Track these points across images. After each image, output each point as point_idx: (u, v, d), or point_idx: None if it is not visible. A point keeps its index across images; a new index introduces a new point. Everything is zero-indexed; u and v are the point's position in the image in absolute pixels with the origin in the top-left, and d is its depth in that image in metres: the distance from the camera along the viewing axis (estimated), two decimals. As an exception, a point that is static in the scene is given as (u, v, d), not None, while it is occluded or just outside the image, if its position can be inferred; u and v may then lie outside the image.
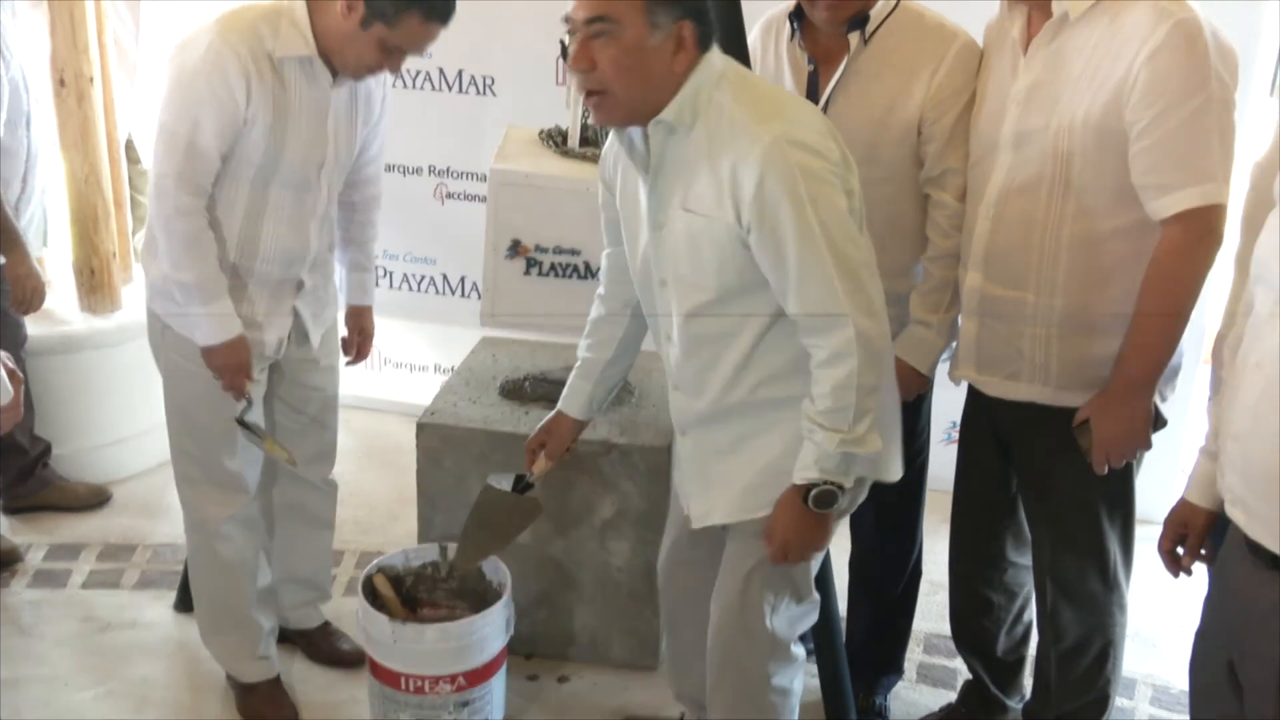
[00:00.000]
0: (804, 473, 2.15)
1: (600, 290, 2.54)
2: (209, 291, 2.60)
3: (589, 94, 2.07)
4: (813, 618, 2.47)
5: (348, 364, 3.12)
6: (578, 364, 2.58)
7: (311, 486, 3.08)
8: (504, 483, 2.66)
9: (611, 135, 2.30)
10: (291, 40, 2.52)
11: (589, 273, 2.85)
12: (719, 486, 2.33)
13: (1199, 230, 2.20)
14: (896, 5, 2.52)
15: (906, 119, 2.50)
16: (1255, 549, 1.85)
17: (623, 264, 2.40)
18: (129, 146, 4.52)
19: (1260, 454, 1.82)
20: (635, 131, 2.15)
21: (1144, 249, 2.26)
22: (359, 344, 3.11)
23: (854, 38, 2.50)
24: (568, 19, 2.05)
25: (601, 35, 2.00)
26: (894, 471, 2.36)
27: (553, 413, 2.62)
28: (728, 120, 2.05)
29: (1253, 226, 2.08)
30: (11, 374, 2.23)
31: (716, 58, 2.11)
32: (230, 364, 2.67)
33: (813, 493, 2.15)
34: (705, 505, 2.37)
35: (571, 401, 2.59)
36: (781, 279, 2.06)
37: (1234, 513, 1.91)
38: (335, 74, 2.59)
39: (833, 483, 2.14)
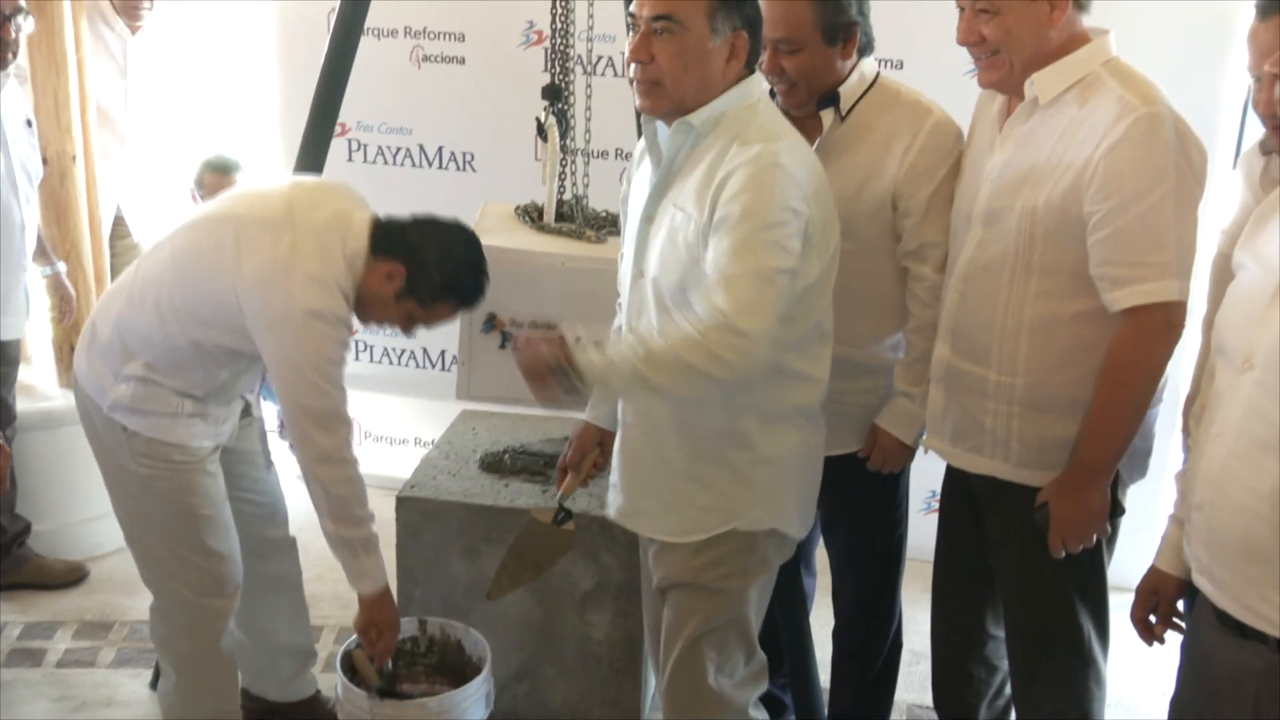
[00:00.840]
0: (611, 349, 2.12)
1: (620, 299, 2.54)
2: (376, 539, 2.64)
3: (641, 83, 2.18)
4: (763, 682, 2.48)
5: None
6: None
7: (276, 552, 3.05)
8: (546, 513, 2.64)
9: (641, 139, 2.40)
10: (349, 291, 2.56)
11: (566, 346, 2.87)
12: (653, 496, 2.36)
13: (1154, 324, 2.20)
14: (874, 83, 2.56)
15: (879, 194, 2.53)
16: (1223, 617, 1.86)
17: None
18: (119, 221, 4.56)
19: (1223, 523, 1.84)
20: (664, 127, 2.25)
21: (1105, 336, 2.26)
22: None
23: (827, 115, 2.54)
24: (632, 14, 2.17)
25: (665, 32, 2.13)
26: (794, 528, 2.39)
27: (580, 424, 2.63)
28: (741, 138, 2.14)
29: (1219, 292, 2.10)
30: None
31: (757, 86, 2.23)
32: (388, 617, 2.69)
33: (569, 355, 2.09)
34: (632, 505, 2.40)
35: (595, 412, 2.59)
36: (714, 251, 2.09)
37: (1200, 581, 1.92)
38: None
39: (579, 365, 2.06)
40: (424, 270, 2.56)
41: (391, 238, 2.58)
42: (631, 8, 2.18)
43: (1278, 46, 2.07)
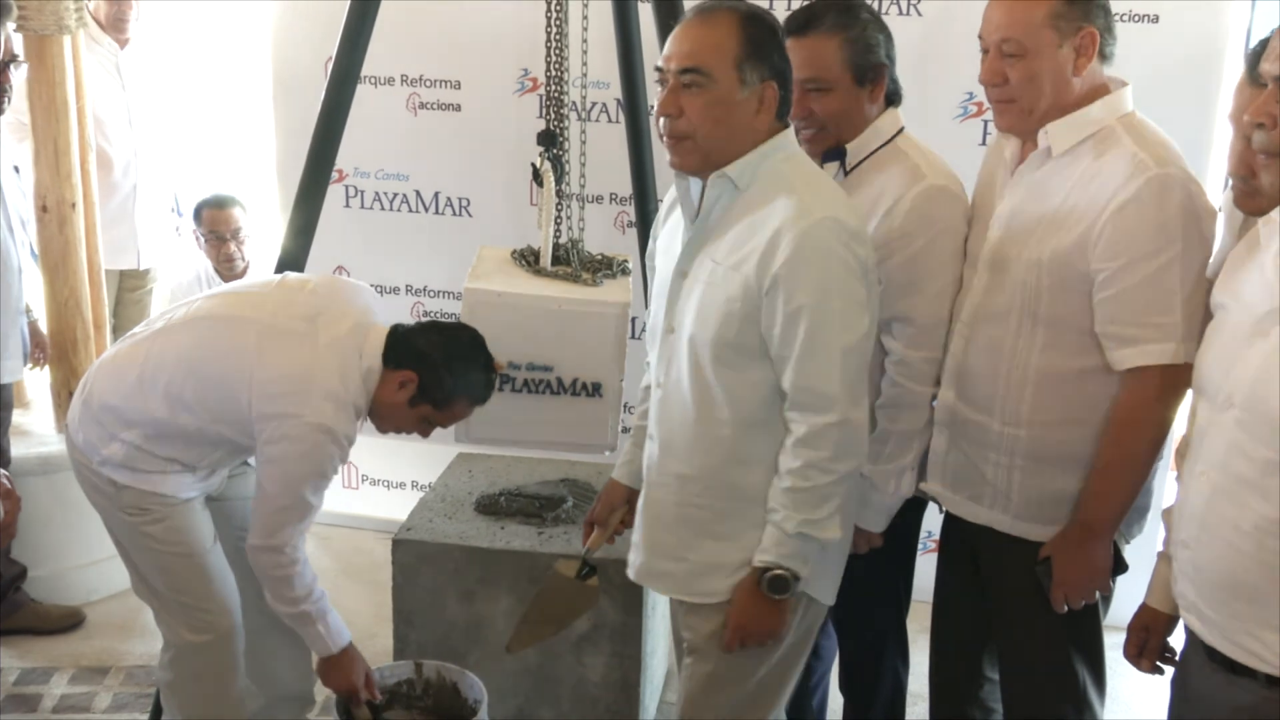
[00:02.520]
0: (762, 555, 2.17)
1: (649, 357, 2.51)
2: (310, 615, 2.69)
3: (670, 138, 2.17)
4: None
5: None
6: (632, 431, 2.57)
7: None
8: (570, 566, 2.64)
9: (670, 190, 2.37)
10: (363, 407, 2.65)
11: (562, 389, 2.90)
12: (677, 556, 2.31)
13: (1158, 385, 2.19)
14: (888, 142, 2.51)
15: None
16: (1212, 653, 1.86)
17: None
18: (133, 274, 4.76)
19: (1209, 560, 1.85)
20: (695, 182, 2.23)
21: (1110, 393, 2.25)
22: None
23: (830, 168, 2.51)
24: (660, 67, 2.17)
25: (693, 86, 2.12)
26: (829, 594, 2.35)
27: (609, 481, 2.63)
28: (785, 190, 2.13)
29: (1202, 333, 2.08)
30: (8, 494, 2.25)
31: (791, 138, 2.22)
32: (342, 678, 2.73)
33: (767, 576, 2.16)
34: (654, 565, 2.37)
35: (625, 469, 2.58)
36: (785, 348, 2.11)
37: (1188, 618, 1.93)
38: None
39: (787, 569, 2.15)
40: (435, 374, 2.63)
41: (401, 348, 2.64)
42: (659, 61, 2.18)
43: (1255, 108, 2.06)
